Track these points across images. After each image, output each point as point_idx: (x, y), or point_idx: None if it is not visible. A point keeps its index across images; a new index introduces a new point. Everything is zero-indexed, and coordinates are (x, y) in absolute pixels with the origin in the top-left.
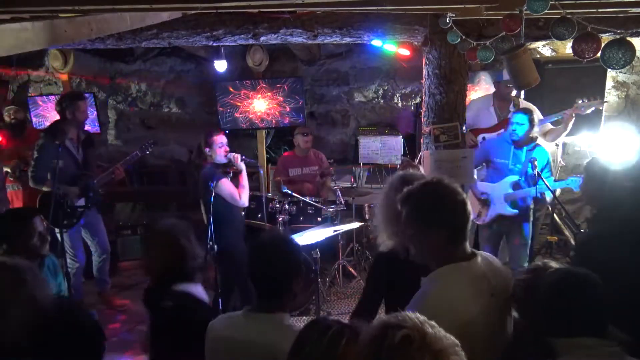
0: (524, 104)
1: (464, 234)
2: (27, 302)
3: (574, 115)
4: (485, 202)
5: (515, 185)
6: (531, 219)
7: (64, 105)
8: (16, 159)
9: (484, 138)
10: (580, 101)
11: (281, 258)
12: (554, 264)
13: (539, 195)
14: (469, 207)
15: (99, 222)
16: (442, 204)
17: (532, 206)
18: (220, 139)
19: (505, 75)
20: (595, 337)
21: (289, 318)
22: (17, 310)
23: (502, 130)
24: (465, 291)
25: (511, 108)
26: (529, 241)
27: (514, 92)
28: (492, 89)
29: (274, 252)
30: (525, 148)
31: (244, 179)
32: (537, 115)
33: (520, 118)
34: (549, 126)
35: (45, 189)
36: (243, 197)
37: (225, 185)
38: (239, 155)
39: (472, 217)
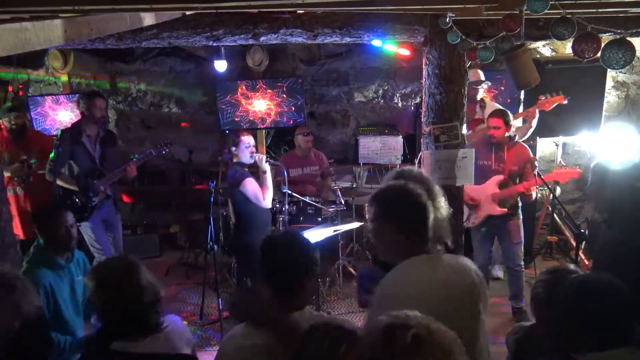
0: (491, 105)
1: (424, 233)
2: (12, 310)
3: (537, 111)
4: (473, 206)
5: (502, 185)
6: (521, 216)
7: (81, 102)
8: (17, 162)
9: None
10: (543, 97)
11: (296, 253)
12: (572, 267)
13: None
14: (429, 211)
15: (117, 222)
16: (402, 202)
17: (520, 204)
18: (248, 140)
19: (472, 77)
20: (622, 347)
21: (312, 311)
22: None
23: (469, 132)
24: (431, 275)
25: (477, 109)
26: (522, 239)
27: (479, 95)
28: None
29: (288, 247)
30: (506, 147)
31: (268, 180)
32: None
33: (496, 121)
34: (517, 125)
35: (60, 182)
36: (266, 198)
37: (250, 185)
38: (264, 157)
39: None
